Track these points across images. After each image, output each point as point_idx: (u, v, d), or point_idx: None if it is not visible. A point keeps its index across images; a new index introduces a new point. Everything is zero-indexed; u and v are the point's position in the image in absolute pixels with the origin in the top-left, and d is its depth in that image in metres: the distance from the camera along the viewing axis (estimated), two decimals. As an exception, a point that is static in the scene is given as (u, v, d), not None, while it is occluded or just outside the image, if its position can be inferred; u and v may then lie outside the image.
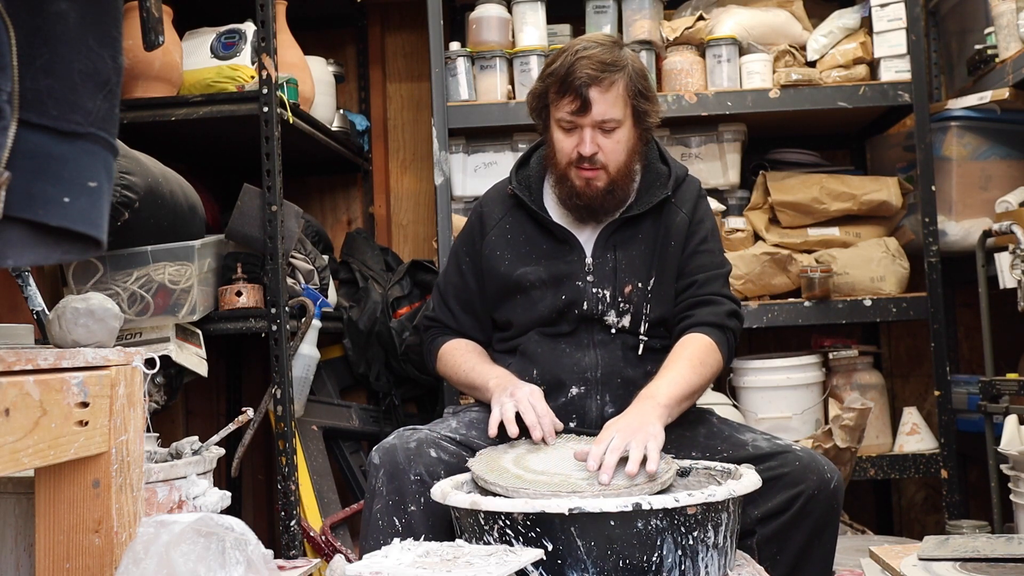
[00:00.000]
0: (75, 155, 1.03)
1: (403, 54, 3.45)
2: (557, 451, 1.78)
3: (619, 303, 1.97)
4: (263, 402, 2.45)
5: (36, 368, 1.13)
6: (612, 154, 1.94)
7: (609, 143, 1.93)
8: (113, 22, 1.07)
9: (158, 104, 2.46)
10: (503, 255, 2.04)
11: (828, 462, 1.82)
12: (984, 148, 2.81)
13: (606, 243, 2.00)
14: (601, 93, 1.90)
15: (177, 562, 1.10)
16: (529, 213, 2.05)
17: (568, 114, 1.92)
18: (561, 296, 1.97)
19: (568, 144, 1.95)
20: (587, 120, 1.91)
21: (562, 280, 1.98)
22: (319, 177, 3.40)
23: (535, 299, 2.00)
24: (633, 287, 1.98)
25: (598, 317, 1.97)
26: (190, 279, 2.32)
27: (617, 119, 1.92)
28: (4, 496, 1.53)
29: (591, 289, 1.98)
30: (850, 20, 2.85)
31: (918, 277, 2.80)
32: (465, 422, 1.92)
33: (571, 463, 1.70)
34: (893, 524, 3.20)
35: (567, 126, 1.94)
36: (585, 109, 1.90)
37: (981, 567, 1.55)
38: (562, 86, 1.91)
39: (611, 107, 1.91)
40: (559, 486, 1.58)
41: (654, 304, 1.98)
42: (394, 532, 1.71)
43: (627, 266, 1.99)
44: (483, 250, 2.07)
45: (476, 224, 2.12)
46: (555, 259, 2.01)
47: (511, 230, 2.06)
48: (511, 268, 2.02)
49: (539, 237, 2.04)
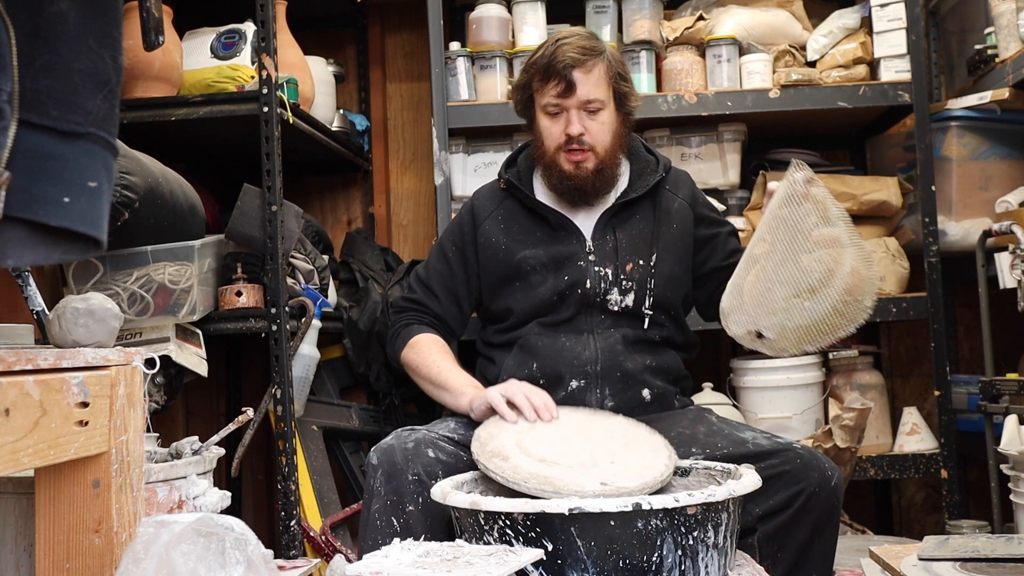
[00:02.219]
0: (75, 155, 1.03)
1: (403, 54, 3.45)
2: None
3: (621, 281, 2.01)
4: (263, 402, 2.45)
5: (36, 368, 1.13)
6: (598, 135, 2.01)
7: (595, 125, 2.00)
8: (113, 22, 1.07)
9: (158, 104, 2.46)
10: (499, 242, 2.06)
11: (829, 460, 1.82)
12: (984, 148, 2.81)
13: (605, 226, 2.05)
14: (584, 74, 1.98)
15: (177, 562, 1.10)
16: (522, 203, 2.08)
17: (554, 97, 1.99)
18: (563, 277, 2.00)
19: (555, 129, 2.02)
20: (572, 101, 1.99)
21: (563, 261, 2.01)
22: (319, 177, 3.40)
23: (535, 283, 2.01)
24: (634, 264, 2.02)
25: (600, 298, 1.99)
26: (190, 279, 2.32)
27: (601, 100, 2.00)
28: (4, 496, 1.53)
29: (593, 268, 2.01)
30: (850, 20, 2.85)
31: (918, 277, 2.80)
32: (464, 423, 1.93)
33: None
34: (893, 524, 3.20)
35: (553, 110, 2.01)
36: (570, 90, 1.98)
37: (981, 567, 1.55)
38: (546, 71, 1.99)
39: (594, 87, 1.99)
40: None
41: (657, 281, 2.02)
42: (392, 532, 1.71)
43: (628, 245, 2.04)
44: (477, 240, 2.09)
45: (467, 218, 2.13)
46: (554, 243, 2.04)
47: (504, 220, 2.09)
48: (510, 253, 2.05)
49: (534, 225, 2.07)
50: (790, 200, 1.66)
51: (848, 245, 1.66)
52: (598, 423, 1.81)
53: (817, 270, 1.65)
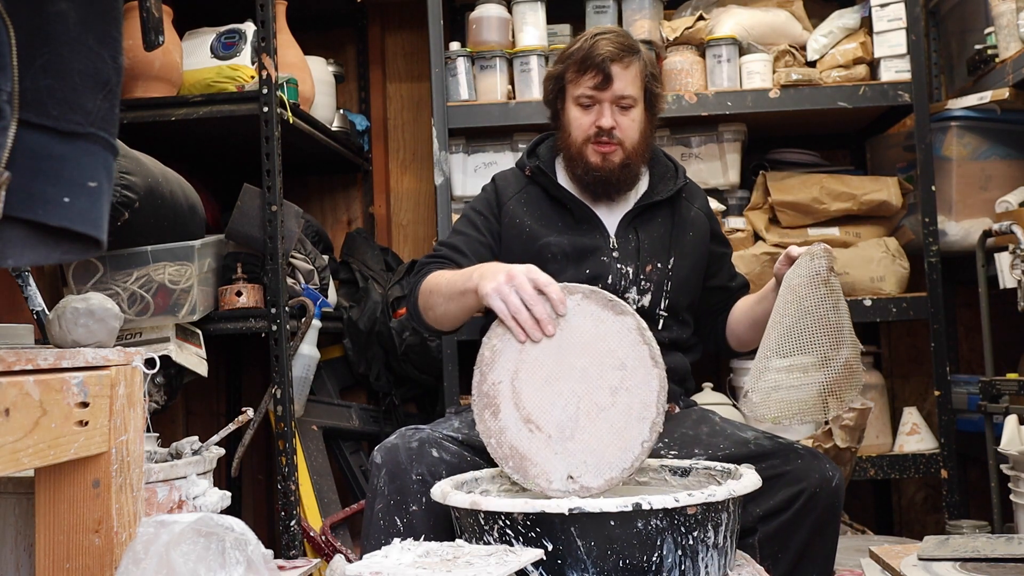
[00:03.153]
0: (75, 155, 1.03)
1: (403, 54, 3.45)
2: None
3: (640, 280, 2.03)
4: (263, 402, 2.45)
5: (36, 368, 1.13)
6: (628, 131, 2.03)
7: (626, 120, 2.02)
8: (113, 22, 1.07)
9: (158, 104, 2.47)
10: (523, 223, 2.07)
11: (830, 460, 1.83)
12: (984, 148, 2.81)
13: (628, 225, 2.07)
14: (622, 70, 2.00)
15: (177, 562, 1.10)
16: (546, 191, 2.10)
17: (589, 89, 2.01)
18: (585, 270, 2.00)
19: (586, 120, 2.03)
20: (607, 95, 2.00)
21: (586, 254, 2.02)
22: (319, 177, 3.40)
23: (553, 272, 1.95)
24: (653, 267, 2.04)
25: (620, 295, 1.99)
26: (190, 279, 2.32)
27: (634, 97, 2.02)
28: (4, 496, 1.53)
29: (616, 265, 2.02)
30: (850, 20, 2.85)
31: (918, 277, 2.80)
32: (468, 422, 1.92)
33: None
34: (893, 524, 3.20)
35: (586, 102, 2.02)
36: (607, 83, 1.99)
37: (981, 567, 1.55)
38: (583, 63, 2.01)
39: (629, 84, 2.01)
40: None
41: (674, 284, 2.06)
42: (396, 532, 1.71)
43: (649, 246, 2.06)
44: (502, 217, 2.10)
45: (492, 194, 2.13)
46: (578, 234, 2.05)
47: (528, 202, 2.10)
48: (534, 236, 2.05)
49: (557, 215, 2.08)
50: (811, 281, 1.75)
51: (848, 341, 1.75)
52: (600, 344, 1.66)
53: (817, 353, 1.73)
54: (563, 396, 1.66)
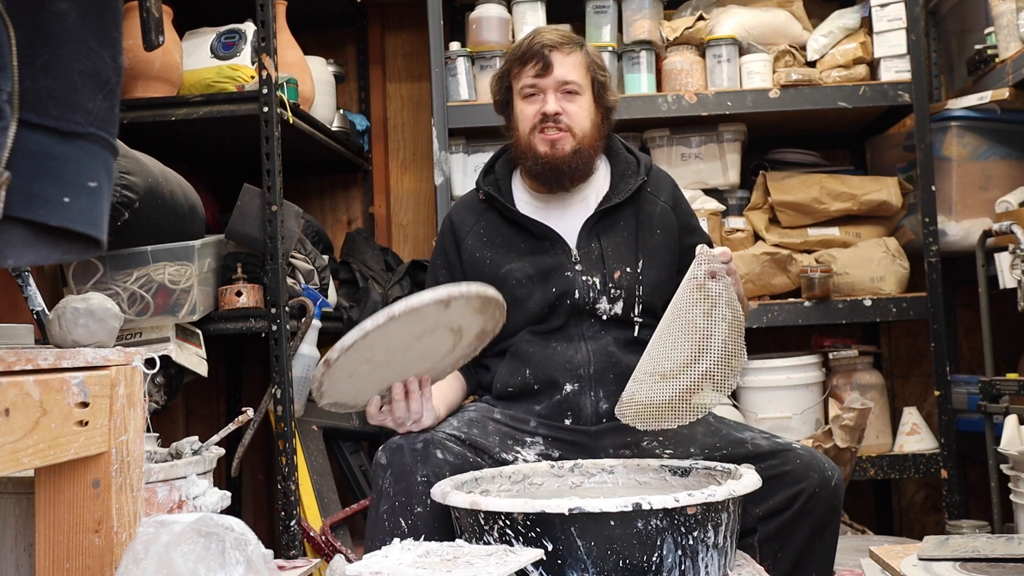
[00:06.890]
0: (75, 155, 1.03)
1: (403, 54, 3.45)
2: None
3: (610, 289, 1.98)
4: (263, 402, 2.45)
5: (36, 368, 1.13)
6: (576, 117, 2.00)
7: (573, 107, 2.00)
8: (113, 22, 1.07)
9: (158, 104, 2.46)
10: (483, 256, 2.04)
11: (829, 460, 1.82)
12: (984, 148, 2.81)
13: (589, 233, 2.03)
14: (563, 56, 2.00)
15: (177, 562, 1.10)
16: (503, 214, 2.06)
17: (531, 78, 2.00)
18: (551, 289, 1.98)
19: (531, 109, 2.02)
20: (549, 81, 1.99)
21: (550, 273, 1.99)
22: (319, 177, 3.40)
23: (522, 297, 1.99)
24: (622, 272, 2.00)
25: (589, 307, 1.98)
26: (190, 279, 2.32)
27: (578, 83, 2.00)
28: (4, 496, 1.53)
29: (580, 278, 1.99)
30: (850, 20, 2.86)
31: (918, 277, 2.80)
32: (465, 420, 1.92)
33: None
34: (893, 524, 3.20)
35: (530, 91, 2.02)
36: (547, 69, 1.99)
37: (981, 567, 1.55)
38: (525, 55, 2.01)
39: (572, 70, 2.00)
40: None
41: (645, 288, 2.00)
42: (400, 533, 1.70)
43: (613, 252, 2.01)
44: (462, 256, 2.07)
45: (448, 235, 2.11)
46: (539, 254, 2.02)
47: (487, 233, 2.07)
48: (495, 267, 2.02)
49: (517, 236, 2.05)
50: (686, 285, 1.72)
51: (712, 351, 1.73)
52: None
53: (678, 360, 1.73)
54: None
